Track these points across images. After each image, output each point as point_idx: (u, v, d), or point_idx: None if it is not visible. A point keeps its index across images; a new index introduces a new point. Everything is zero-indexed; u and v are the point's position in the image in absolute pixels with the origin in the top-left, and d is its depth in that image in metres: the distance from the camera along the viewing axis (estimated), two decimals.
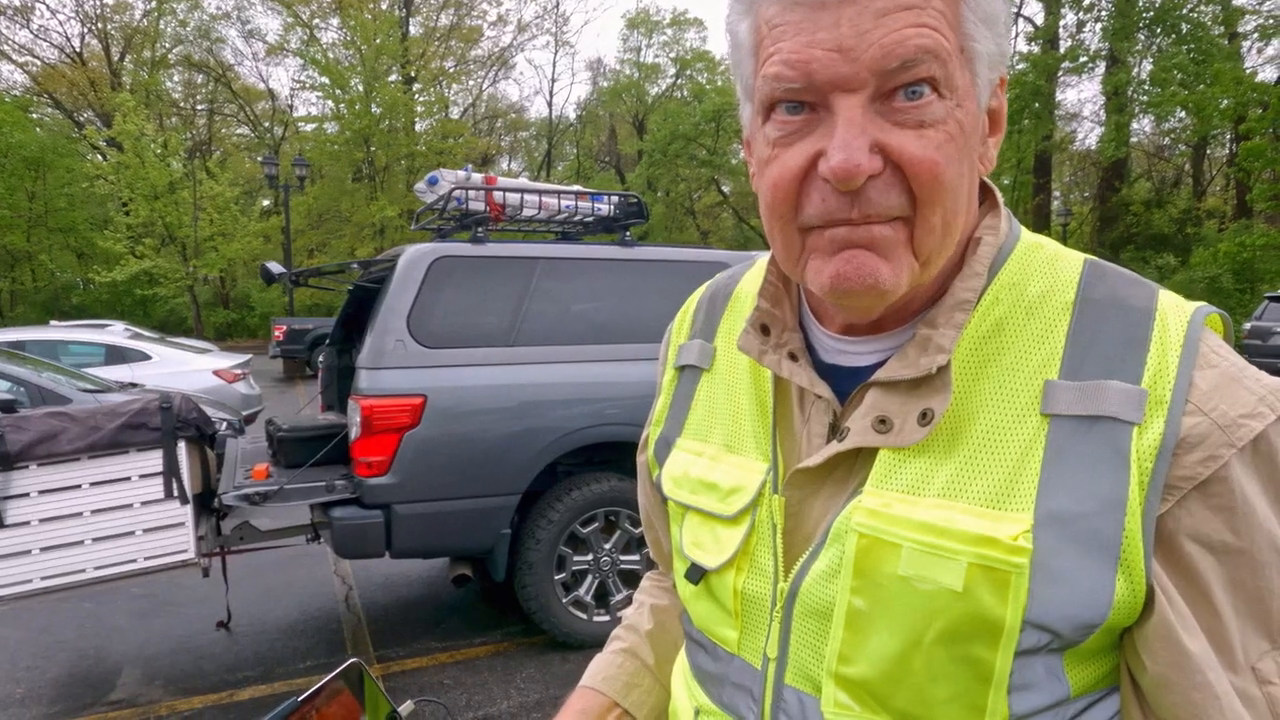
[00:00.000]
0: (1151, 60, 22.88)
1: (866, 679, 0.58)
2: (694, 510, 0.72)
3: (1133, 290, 0.59)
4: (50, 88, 32.59)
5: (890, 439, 0.58)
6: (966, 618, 0.54)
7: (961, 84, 0.54)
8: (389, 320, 3.60)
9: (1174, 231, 25.00)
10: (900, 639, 0.57)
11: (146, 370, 8.73)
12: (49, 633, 4.21)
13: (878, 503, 0.58)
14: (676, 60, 37.40)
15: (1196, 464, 0.53)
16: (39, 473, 3.17)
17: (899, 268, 0.56)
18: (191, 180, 25.13)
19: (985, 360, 0.59)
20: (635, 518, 3.97)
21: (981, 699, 0.56)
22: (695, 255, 4.43)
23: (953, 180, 0.54)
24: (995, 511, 0.55)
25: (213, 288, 32.05)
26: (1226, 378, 0.55)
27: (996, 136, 0.61)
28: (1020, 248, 0.63)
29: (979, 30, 0.54)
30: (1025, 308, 0.59)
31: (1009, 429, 0.56)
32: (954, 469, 0.57)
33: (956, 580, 0.54)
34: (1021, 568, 0.53)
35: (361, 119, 30.53)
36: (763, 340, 0.68)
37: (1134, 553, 0.53)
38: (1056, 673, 0.56)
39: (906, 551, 0.56)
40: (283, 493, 3.49)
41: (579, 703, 0.82)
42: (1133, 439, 0.53)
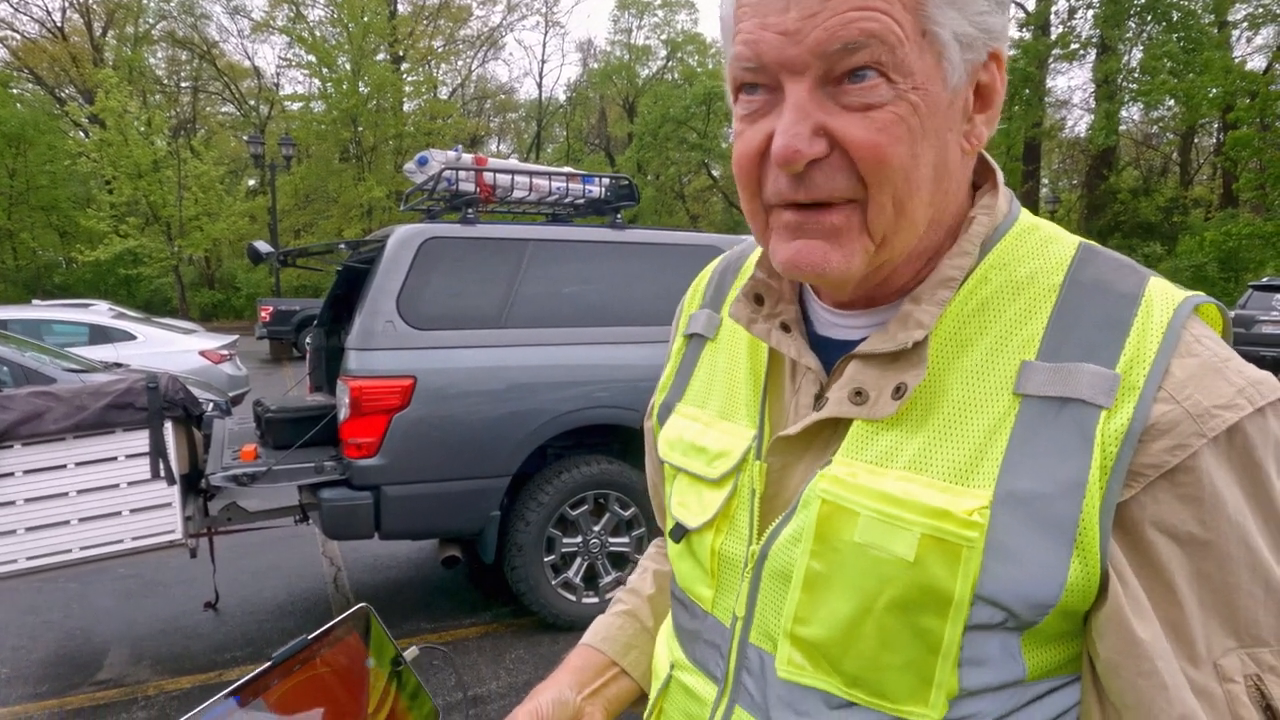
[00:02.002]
0: (1142, 48, 22.92)
1: (819, 640, 0.60)
2: (684, 472, 0.74)
3: (1121, 275, 0.58)
4: (31, 63, 32.05)
5: (864, 410, 0.59)
6: (917, 588, 0.55)
7: (920, 67, 0.54)
8: (378, 301, 3.58)
9: (1161, 220, 25.15)
10: (853, 604, 0.58)
11: (131, 350, 8.65)
12: (35, 613, 4.20)
13: (844, 471, 0.59)
14: (667, 42, 37.16)
15: (1164, 451, 0.52)
16: (24, 452, 3.15)
17: (850, 253, 0.57)
18: (176, 159, 24.82)
19: (967, 338, 0.59)
20: (624, 500, 3.98)
21: (929, 669, 0.56)
22: (686, 239, 4.42)
23: (901, 161, 0.55)
24: (957, 486, 0.55)
25: (198, 268, 31.75)
26: (1206, 367, 0.54)
27: (987, 113, 0.60)
28: (1016, 229, 0.63)
29: (942, 13, 0.54)
30: (1012, 288, 0.59)
31: (980, 407, 0.56)
32: (922, 443, 0.57)
33: (909, 550, 0.55)
34: (973, 542, 0.53)
35: (349, 98, 30.18)
36: (754, 309, 0.69)
37: (1090, 536, 0.52)
38: (1013, 652, 0.56)
39: (864, 519, 0.57)
40: (271, 474, 3.47)
41: (577, 660, 0.84)
42: (1099, 423, 0.53)
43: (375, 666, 0.68)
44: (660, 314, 4.12)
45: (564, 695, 0.78)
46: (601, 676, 0.82)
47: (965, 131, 0.59)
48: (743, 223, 6.25)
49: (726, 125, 34.66)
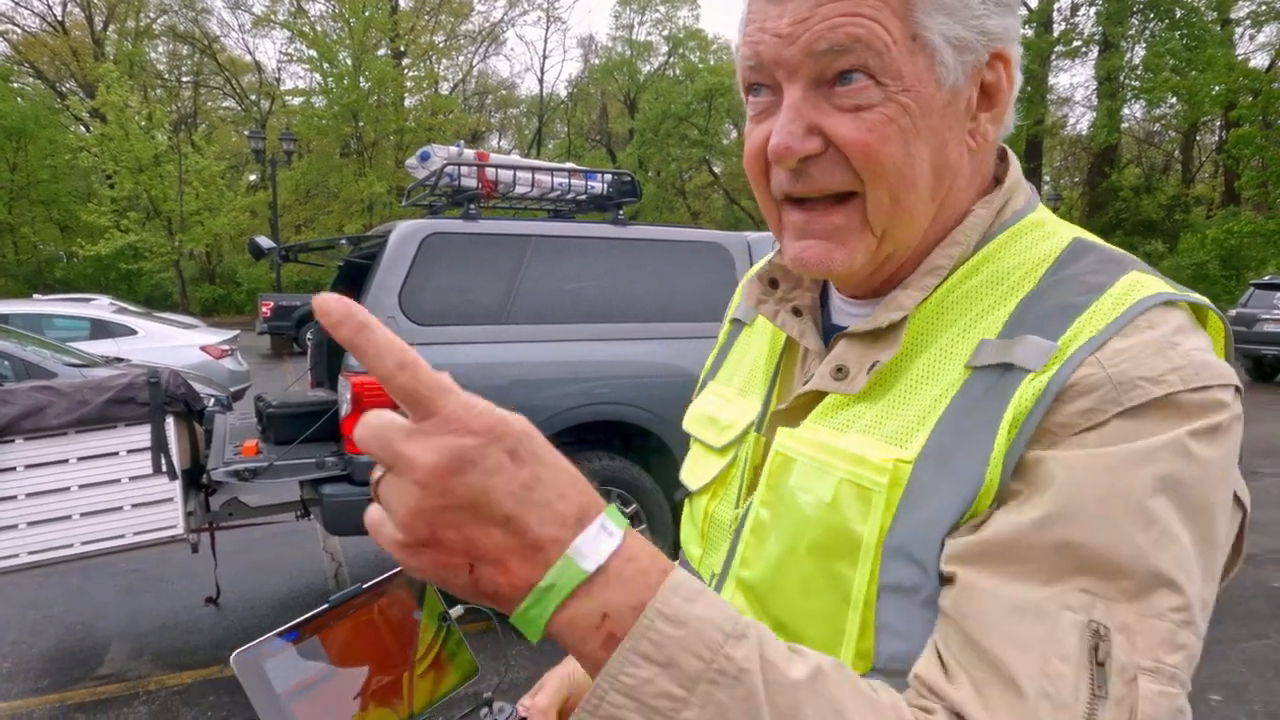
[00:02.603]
0: (1144, 45, 22.87)
1: (754, 582, 0.64)
2: (697, 441, 0.80)
3: (1101, 269, 0.58)
4: (31, 57, 32.03)
5: (842, 386, 0.63)
6: (831, 530, 0.58)
7: (910, 70, 0.57)
8: (380, 297, 3.58)
9: (1162, 218, 25.13)
10: (782, 546, 0.61)
11: (132, 345, 8.65)
12: (36, 607, 4.20)
13: (806, 431, 0.64)
14: (669, 38, 37.11)
15: (1078, 414, 0.51)
16: (25, 447, 3.14)
17: (852, 250, 0.61)
18: (177, 153, 24.79)
19: (946, 323, 0.61)
20: (626, 497, 3.98)
21: (842, 621, 0.57)
22: (688, 235, 4.41)
23: (894, 159, 0.58)
24: (893, 448, 0.57)
25: (198, 263, 31.74)
26: (1148, 344, 0.52)
27: (993, 111, 0.62)
28: (1020, 224, 0.64)
29: (931, 18, 0.57)
30: (996, 279, 0.61)
31: (933, 379, 0.59)
32: (879, 411, 0.60)
33: (827, 492, 0.58)
34: (881, 486, 0.55)
35: (350, 93, 30.16)
36: (765, 291, 0.73)
37: (990, 488, 0.53)
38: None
39: (799, 465, 0.62)
40: (273, 469, 3.47)
41: None
42: (1023, 382, 0.53)
43: (423, 620, 0.72)
44: (662, 310, 4.12)
45: None
46: None
47: (970, 129, 0.62)
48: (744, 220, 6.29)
49: (728, 122, 34.63)
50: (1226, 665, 3.43)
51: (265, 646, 0.64)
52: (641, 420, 3.95)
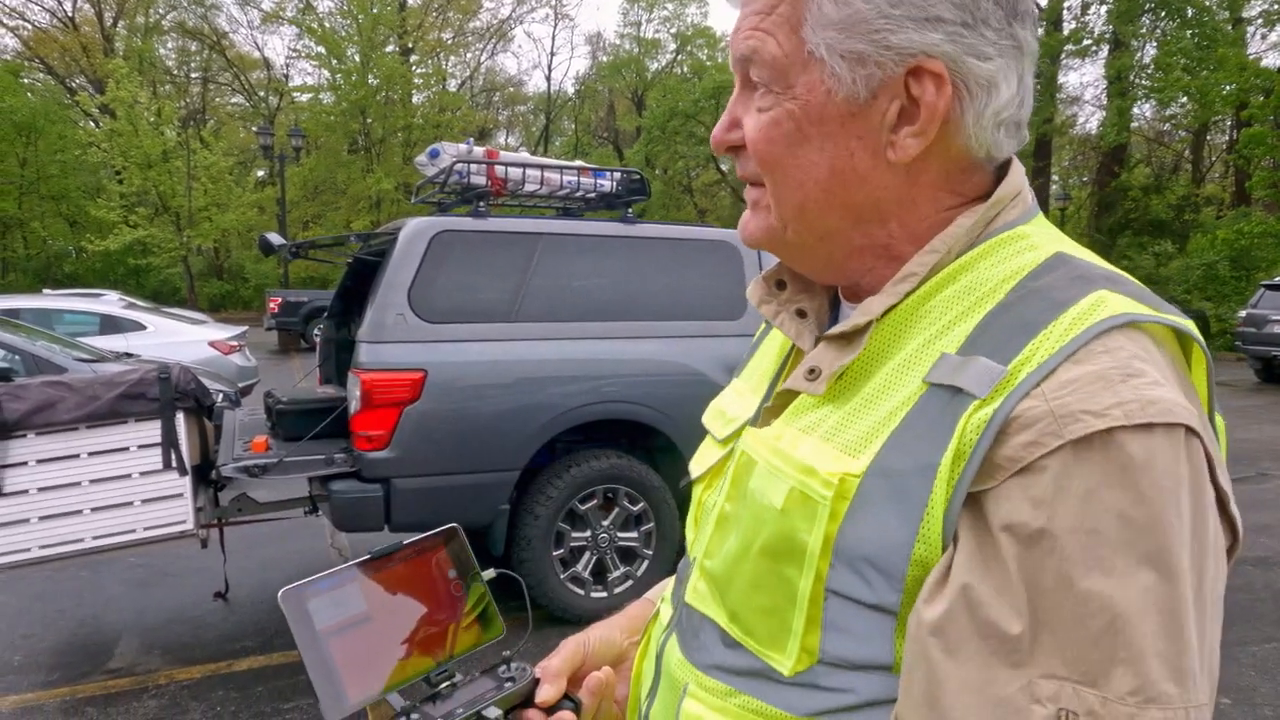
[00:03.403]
0: (1155, 44, 22.74)
1: (715, 572, 0.67)
2: (709, 433, 0.83)
3: (1068, 285, 0.56)
4: (42, 52, 32.16)
5: (809, 387, 0.64)
6: (780, 535, 0.60)
7: (801, 80, 0.61)
8: (390, 294, 3.58)
9: (1172, 218, 24.98)
10: (740, 543, 0.64)
11: (141, 340, 8.68)
12: (47, 601, 4.22)
13: (770, 431, 0.66)
14: (677, 36, 37.05)
15: (1020, 446, 0.50)
16: (37, 441, 3.16)
17: (759, 224, 0.69)
18: (185, 149, 24.87)
19: (913, 332, 0.61)
20: (634, 495, 3.98)
21: (788, 619, 0.59)
22: (697, 234, 4.41)
23: (777, 158, 0.63)
24: (846, 457, 0.58)
25: (206, 258, 31.84)
26: (1096, 375, 0.50)
27: (914, 126, 0.60)
28: (1005, 235, 0.62)
29: (818, 34, 0.60)
30: (969, 289, 0.60)
31: (893, 391, 0.59)
32: (840, 417, 0.61)
33: (779, 498, 0.60)
34: (826, 500, 0.57)
35: (358, 90, 30.19)
36: (768, 291, 0.76)
37: (934, 518, 0.53)
38: (884, 634, 0.56)
39: (759, 468, 0.64)
40: (282, 465, 3.48)
41: (635, 609, 0.91)
42: (967, 412, 0.52)
43: (457, 579, 0.78)
44: (671, 308, 4.11)
45: (612, 636, 0.84)
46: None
47: (891, 141, 0.61)
48: None
49: None
50: (1236, 669, 3.42)
51: (310, 588, 0.70)
52: (649, 418, 3.95)
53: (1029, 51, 0.62)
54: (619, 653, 0.83)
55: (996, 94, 0.60)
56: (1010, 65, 0.61)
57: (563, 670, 0.76)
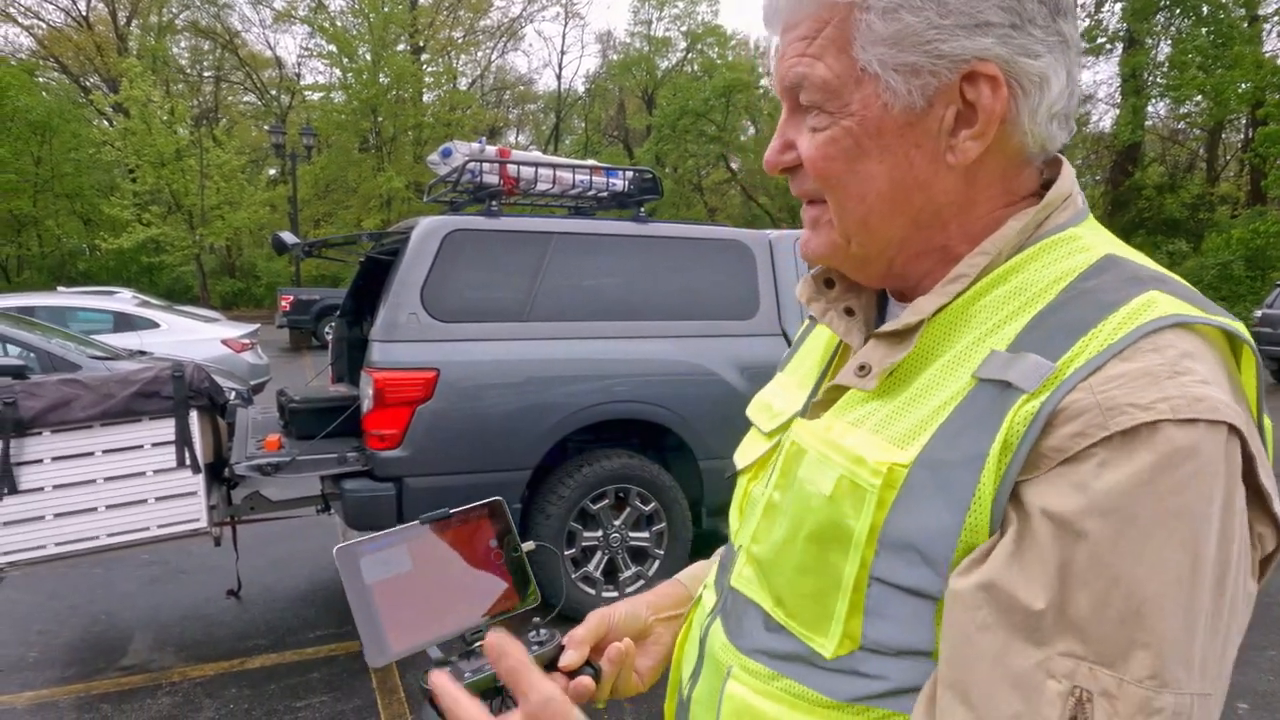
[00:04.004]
0: (1170, 42, 22.55)
1: (761, 557, 0.69)
2: (754, 425, 0.85)
3: (1119, 286, 0.58)
4: (56, 51, 32.38)
5: (859, 382, 0.66)
6: (828, 521, 0.62)
7: (856, 98, 0.63)
8: (402, 293, 3.58)
9: (1186, 217, 24.77)
10: (787, 529, 0.66)
11: (155, 338, 8.73)
12: (61, 598, 4.25)
13: (819, 423, 0.68)
14: (687, 34, 36.99)
15: (1067, 438, 0.52)
16: (52, 439, 3.18)
17: (821, 241, 0.70)
18: (198, 148, 24.99)
19: (962, 331, 0.63)
20: (645, 495, 3.98)
21: (832, 604, 0.61)
22: (710, 233, 4.39)
23: (837, 175, 0.65)
24: (894, 449, 0.60)
25: (219, 256, 32.00)
26: (1143, 372, 0.51)
27: (974, 129, 0.62)
28: (1056, 237, 0.64)
29: (869, 51, 0.61)
30: (1018, 290, 0.62)
31: (943, 386, 0.61)
32: (890, 410, 0.63)
33: (828, 486, 0.62)
34: (875, 489, 0.58)
35: (369, 88, 30.28)
36: (817, 290, 0.77)
37: (983, 507, 0.54)
38: (923, 620, 0.58)
39: (809, 457, 0.66)
40: (295, 464, 3.49)
41: (664, 588, 0.94)
42: (1015, 405, 0.54)
43: (496, 548, 0.83)
44: (683, 308, 4.10)
45: (637, 611, 0.87)
46: (679, 608, 0.91)
47: (950, 146, 0.63)
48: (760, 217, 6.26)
49: (745, 118, 34.50)
50: (1254, 673, 3.39)
51: (362, 545, 0.76)
52: (661, 418, 3.94)
53: (1073, 44, 0.64)
54: (642, 627, 0.86)
55: (1048, 89, 0.63)
56: (1059, 60, 0.63)
57: (586, 639, 0.79)
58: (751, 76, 33.58)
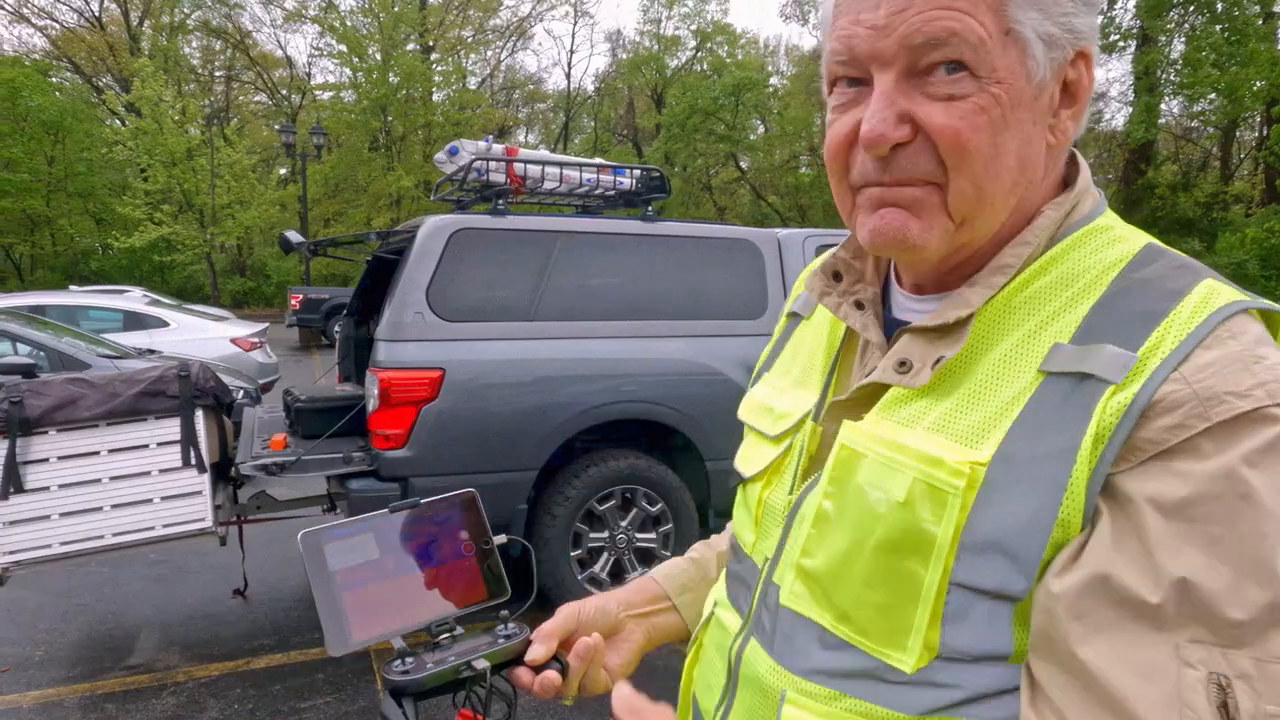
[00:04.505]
0: (1184, 39, 22.35)
1: (818, 572, 0.65)
2: (752, 429, 0.81)
3: (1176, 274, 0.58)
4: (69, 52, 32.58)
5: (904, 380, 0.63)
6: (904, 529, 0.58)
7: (1003, 63, 0.58)
8: (408, 292, 3.57)
9: (1200, 216, 24.57)
10: (849, 540, 0.62)
11: (164, 337, 8.76)
12: (68, 596, 4.25)
13: (870, 425, 0.64)
14: (697, 33, 36.90)
15: (1164, 430, 0.51)
16: (58, 438, 3.17)
17: (929, 225, 0.61)
18: (209, 147, 25.10)
19: (1013, 324, 0.61)
20: (652, 496, 3.95)
21: (910, 615, 0.58)
22: (718, 232, 4.36)
23: (981, 148, 0.58)
24: (964, 448, 0.58)
25: (229, 255, 32.14)
26: (1232, 358, 0.52)
27: (1074, 108, 0.63)
28: (1090, 227, 0.64)
29: (1025, 13, 0.58)
30: (1065, 280, 0.61)
31: (1006, 381, 0.59)
32: (947, 409, 0.61)
33: (900, 491, 0.59)
34: (958, 490, 0.56)
35: (379, 88, 30.36)
36: (828, 283, 0.75)
37: (1075, 500, 0.53)
38: (1001, 623, 0.56)
39: (869, 461, 0.62)
40: (300, 463, 3.48)
41: (636, 584, 0.92)
42: (1104, 396, 0.53)
43: (467, 540, 0.81)
44: (691, 307, 4.07)
45: (607, 606, 0.84)
46: (651, 605, 0.89)
47: (1051, 125, 0.62)
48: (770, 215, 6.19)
49: (755, 117, 34.40)
50: None
51: (329, 531, 0.74)
52: (668, 419, 3.91)
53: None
54: (613, 623, 0.84)
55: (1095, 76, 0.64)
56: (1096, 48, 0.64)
57: (554, 633, 0.78)
58: (761, 75, 33.50)
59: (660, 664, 1.09)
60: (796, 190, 32.51)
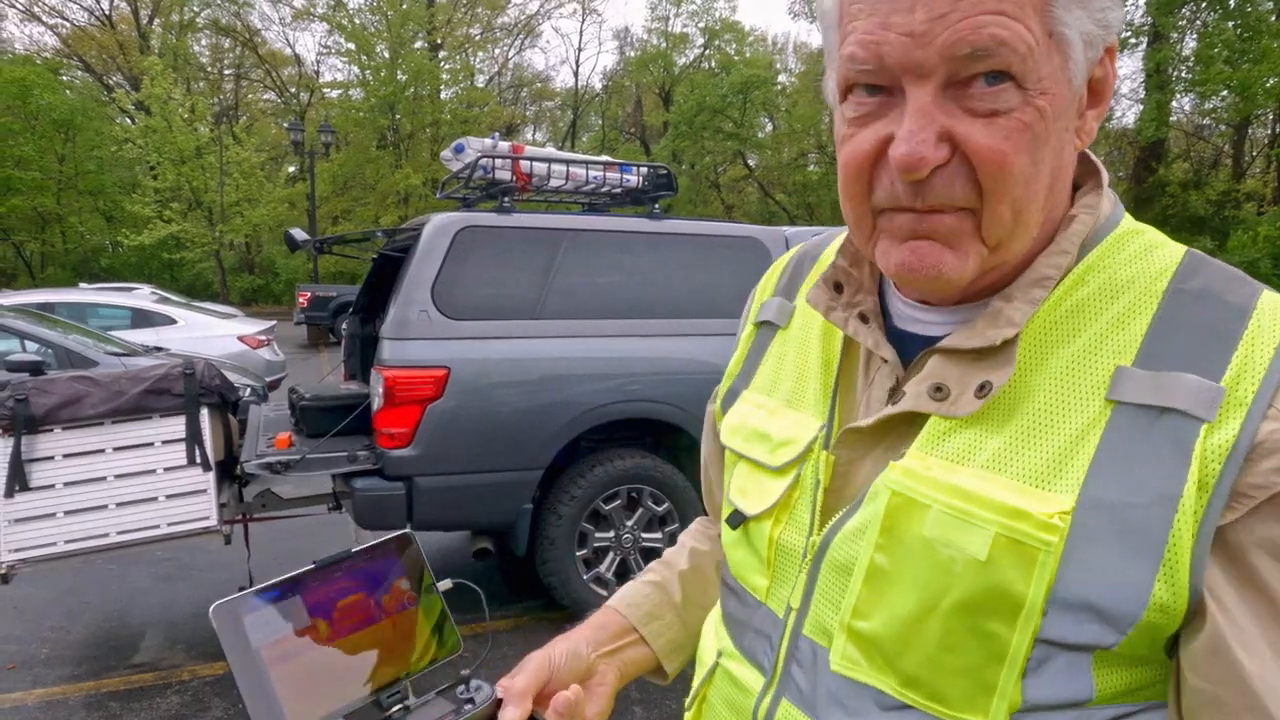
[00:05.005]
0: (1196, 36, 22.19)
1: (878, 636, 0.58)
2: (745, 459, 0.73)
3: (1231, 286, 0.55)
4: (80, 50, 32.72)
5: (944, 407, 0.58)
6: (986, 590, 0.53)
7: (1047, 71, 0.53)
8: (413, 290, 3.55)
9: (1211, 214, 24.40)
10: (916, 600, 0.56)
11: (172, 334, 8.78)
12: (74, 594, 4.26)
13: (917, 465, 0.57)
14: (705, 30, 36.81)
15: (1273, 472, 0.48)
16: (63, 436, 3.17)
17: (965, 256, 0.56)
18: (218, 145, 25.16)
19: (1058, 340, 0.56)
20: (658, 496, 3.93)
21: (993, 677, 0.54)
22: (724, 230, 4.33)
23: (1023, 170, 0.53)
24: (1038, 490, 0.53)
25: (238, 253, 32.24)
26: None
27: (1098, 109, 0.59)
28: (1119, 232, 0.60)
29: (1070, 13, 0.53)
30: (1110, 292, 0.57)
31: (1069, 410, 0.54)
32: (1004, 443, 0.55)
33: (981, 549, 0.53)
34: (1051, 546, 0.51)
35: (387, 86, 30.37)
36: (832, 297, 0.68)
37: (1180, 555, 0.49)
38: (1080, 670, 0.53)
39: (935, 513, 0.55)
40: (305, 462, 3.47)
41: (599, 619, 0.84)
42: (1199, 437, 0.50)
43: (409, 590, 0.72)
44: (698, 306, 4.04)
45: (578, 649, 0.77)
46: (619, 640, 0.81)
47: (1077, 128, 0.58)
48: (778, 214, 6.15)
49: (763, 115, 34.30)
50: None
51: (246, 601, 0.63)
52: (675, 418, 3.89)
53: None
54: (586, 668, 0.76)
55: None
56: None
57: (528, 690, 0.69)
58: (769, 73, 33.40)
59: None
60: (804, 188, 32.41)
